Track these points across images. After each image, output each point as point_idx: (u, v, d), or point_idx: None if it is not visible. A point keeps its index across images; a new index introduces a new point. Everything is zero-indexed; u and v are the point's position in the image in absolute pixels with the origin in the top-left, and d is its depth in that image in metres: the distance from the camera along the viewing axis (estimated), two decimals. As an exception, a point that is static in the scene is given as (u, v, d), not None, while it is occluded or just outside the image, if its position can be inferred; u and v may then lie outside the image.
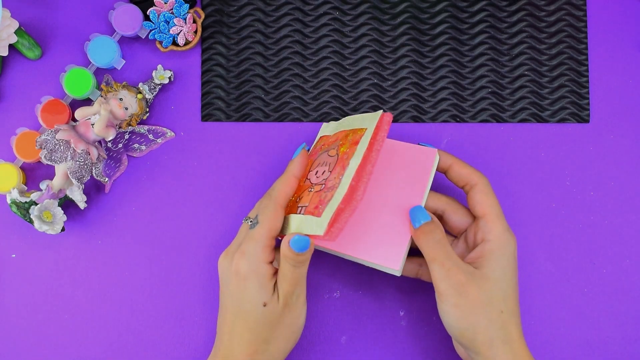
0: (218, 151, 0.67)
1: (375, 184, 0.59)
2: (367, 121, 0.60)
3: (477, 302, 0.55)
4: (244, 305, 0.56)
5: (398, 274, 0.57)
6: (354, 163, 0.56)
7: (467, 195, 0.59)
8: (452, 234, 0.61)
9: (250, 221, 0.58)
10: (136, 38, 0.67)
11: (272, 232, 0.57)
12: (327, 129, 0.64)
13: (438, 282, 0.55)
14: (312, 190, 0.58)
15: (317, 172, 0.59)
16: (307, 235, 0.55)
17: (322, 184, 0.57)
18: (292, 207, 0.58)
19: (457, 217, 0.59)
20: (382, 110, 0.60)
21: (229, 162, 0.67)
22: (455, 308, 0.55)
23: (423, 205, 0.58)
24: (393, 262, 0.56)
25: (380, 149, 0.58)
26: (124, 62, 0.66)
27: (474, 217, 0.59)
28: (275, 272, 0.57)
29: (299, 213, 0.57)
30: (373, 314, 0.66)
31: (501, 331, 0.55)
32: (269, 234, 0.56)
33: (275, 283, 0.57)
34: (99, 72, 0.66)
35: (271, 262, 0.57)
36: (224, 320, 0.58)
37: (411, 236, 0.57)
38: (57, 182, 0.62)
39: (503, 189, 0.67)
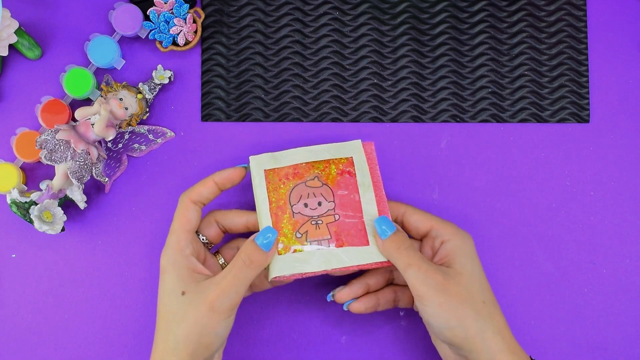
0: (218, 151, 0.67)
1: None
2: (346, 150, 0.61)
3: (459, 297, 0.56)
4: (163, 299, 0.57)
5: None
6: (369, 196, 0.59)
7: (402, 224, 0.61)
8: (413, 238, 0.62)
9: None
10: (136, 38, 0.67)
11: (186, 225, 0.58)
12: (268, 162, 0.60)
13: (418, 285, 0.56)
14: (321, 222, 0.58)
15: (306, 203, 0.59)
16: (368, 264, 0.58)
17: (333, 215, 0.59)
18: (289, 240, 0.58)
19: (415, 217, 0.60)
20: (359, 140, 0.62)
21: (229, 162, 0.67)
22: (440, 307, 0.55)
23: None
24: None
25: (379, 174, 0.61)
26: (124, 62, 0.66)
27: (428, 227, 0.60)
28: (197, 267, 0.58)
29: (318, 245, 0.58)
30: (373, 314, 0.66)
31: (490, 321, 0.56)
32: (183, 226, 0.58)
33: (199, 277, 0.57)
34: (99, 72, 0.66)
35: (195, 257, 0.58)
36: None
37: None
38: (57, 182, 0.62)
39: (503, 189, 0.67)
